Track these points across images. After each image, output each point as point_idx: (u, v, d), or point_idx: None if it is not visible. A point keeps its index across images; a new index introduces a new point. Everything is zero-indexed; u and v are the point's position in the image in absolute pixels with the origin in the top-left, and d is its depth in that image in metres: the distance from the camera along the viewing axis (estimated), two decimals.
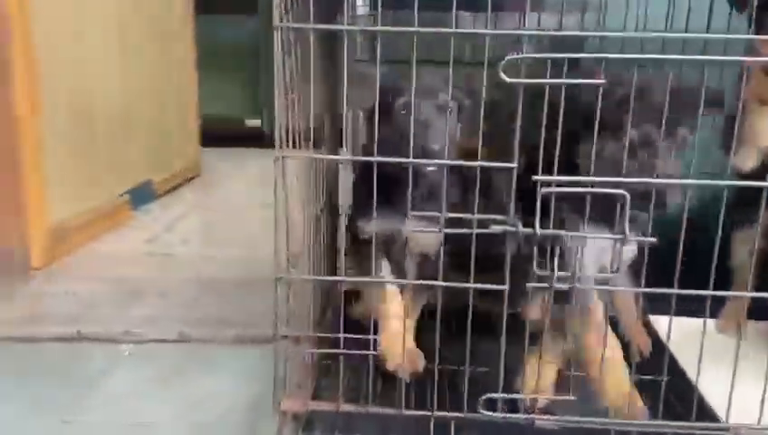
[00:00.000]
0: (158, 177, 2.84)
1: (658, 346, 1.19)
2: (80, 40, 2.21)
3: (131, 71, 2.60)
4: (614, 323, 1.13)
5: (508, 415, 0.93)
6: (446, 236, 0.93)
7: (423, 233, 1.02)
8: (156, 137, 2.85)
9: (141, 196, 2.66)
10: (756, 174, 1.04)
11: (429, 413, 0.95)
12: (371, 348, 0.94)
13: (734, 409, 0.93)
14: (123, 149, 2.56)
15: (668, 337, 0.97)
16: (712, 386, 1.02)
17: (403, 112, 1.04)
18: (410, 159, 0.90)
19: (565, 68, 0.86)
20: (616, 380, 0.98)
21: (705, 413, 1.02)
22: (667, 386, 0.96)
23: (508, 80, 0.83)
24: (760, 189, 0.86)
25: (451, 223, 0.92)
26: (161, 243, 2.23)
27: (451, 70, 0.90)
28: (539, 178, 0.87)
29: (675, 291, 0.90)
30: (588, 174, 0.89)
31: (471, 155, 0.93)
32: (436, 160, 0.97)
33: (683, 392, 1.04)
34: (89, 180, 2.28)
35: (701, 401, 1.03)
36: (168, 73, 2.97)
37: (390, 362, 1.03)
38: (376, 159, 0.91)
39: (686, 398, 1.02)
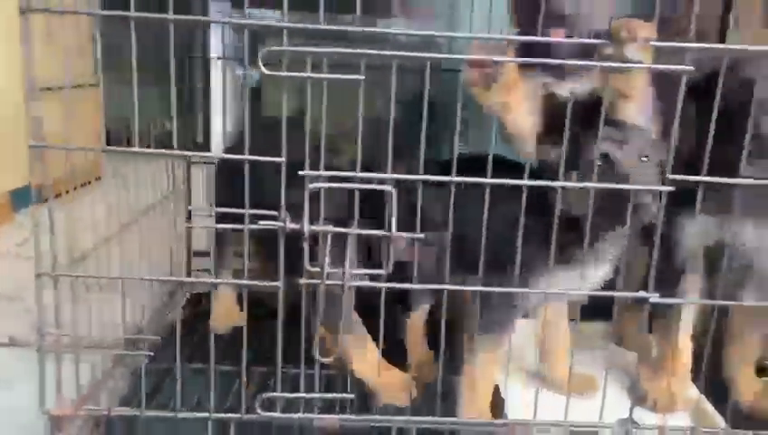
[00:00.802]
0: (49, 179, 2.74)
1: None
2: None
3: (20, 71, 2.50)
4: None
5: (286, 414, 0.91)
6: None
7: None
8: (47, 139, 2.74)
9: (26, 197, 2.56)
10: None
11: (207, 415, 0.92)
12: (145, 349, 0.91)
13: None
14: (6, 151, 2.46)
15: None
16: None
17: None
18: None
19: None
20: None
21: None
22: None
23: (266, 72, 0.82)
24: None
25: None
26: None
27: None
28: (305, 172, 0.86)
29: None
30: None
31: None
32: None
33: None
34: None
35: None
36: None
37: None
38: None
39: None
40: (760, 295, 1.03)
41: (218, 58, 1.65)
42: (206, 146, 1.78)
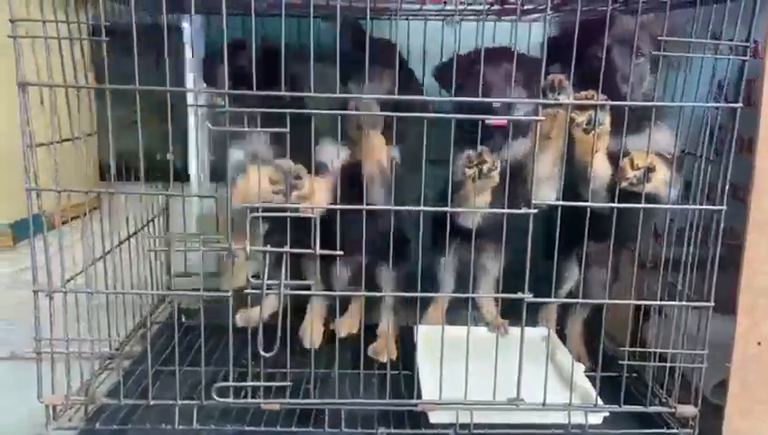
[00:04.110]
0: (48, 209, 2.96)
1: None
2: None
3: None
4: None
5: (237, 400, 1.13)
6: None
7: None
8: (45, 172, 2.97)
9: (26, 228, 2.77)
10: None
11: (173, 402, 1.14)
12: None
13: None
14: (8, 185, 2.68)
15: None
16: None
17: None
18: None
19: None
20: None
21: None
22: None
23: (211, 127, 1.05)
24: None
25: None
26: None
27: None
28: (246, 205, 1.09)
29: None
30: None
31: None
32: None
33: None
34: None
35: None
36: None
37: None
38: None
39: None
40: None
41: (193, 106, 1.88)
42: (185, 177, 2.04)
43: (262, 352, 1.11)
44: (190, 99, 1.86)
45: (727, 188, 1.10)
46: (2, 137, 2.63)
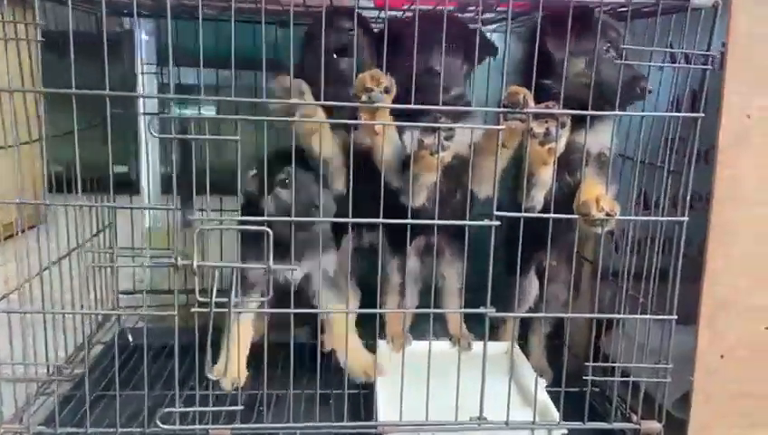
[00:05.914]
0: None
1: None
2: None
3: None
4: None
5: (183, 427, 1.05)
6: None
7: None
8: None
9: None
10: None
11: (114, 430, 1.06)
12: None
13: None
14: None
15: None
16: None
17: None
18: None
19: None
20: None
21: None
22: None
23: (155, 135, 0.98)
24: None
25: None
26: None
27: None
28: (194, 218, 1.02)
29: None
30: None
31: None
32: None
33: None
34: None
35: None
36: None
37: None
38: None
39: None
40: None
41: (145, 114, 1.81)
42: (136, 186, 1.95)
43: (209, 376, 1.05)
44: (141, 106, 1.80)
45: (689, 198, 1.09)
46: None
